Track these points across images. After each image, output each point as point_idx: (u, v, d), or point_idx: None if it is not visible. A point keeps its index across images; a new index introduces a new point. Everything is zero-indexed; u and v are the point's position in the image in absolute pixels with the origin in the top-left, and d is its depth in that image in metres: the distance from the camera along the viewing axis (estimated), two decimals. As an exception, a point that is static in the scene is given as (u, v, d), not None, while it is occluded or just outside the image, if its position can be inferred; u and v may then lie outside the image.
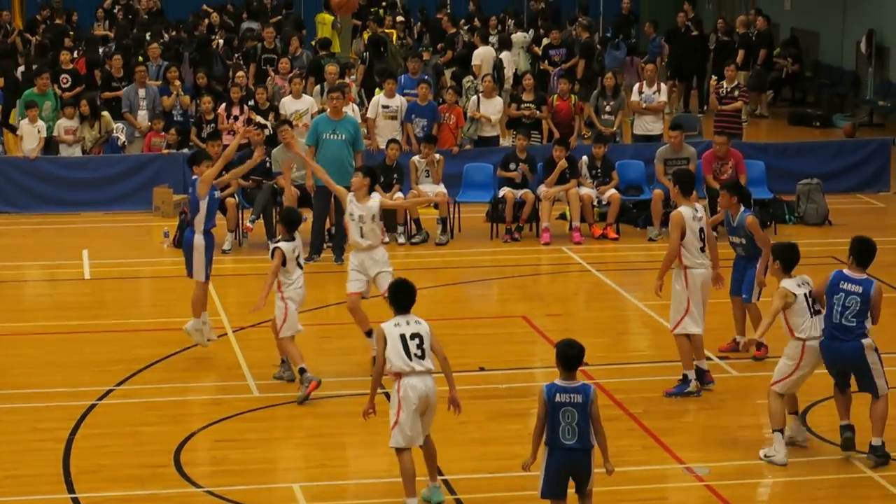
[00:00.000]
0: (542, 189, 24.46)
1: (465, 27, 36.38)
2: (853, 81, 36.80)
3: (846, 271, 14.89)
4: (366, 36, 34.82)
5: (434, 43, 35.48)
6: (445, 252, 23.69)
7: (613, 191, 24.79)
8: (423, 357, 13.53)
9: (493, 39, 34.47)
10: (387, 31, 35.14)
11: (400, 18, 36.63)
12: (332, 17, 37.55)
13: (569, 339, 12.82)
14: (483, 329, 19.67)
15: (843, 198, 26.96)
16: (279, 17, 37.17)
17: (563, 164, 24.53)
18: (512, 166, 24.73)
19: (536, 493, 12.77)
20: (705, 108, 33.70)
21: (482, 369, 17.87)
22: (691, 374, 16.87)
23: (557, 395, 12.50)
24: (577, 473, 12.66)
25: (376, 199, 17.77)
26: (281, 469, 14.95)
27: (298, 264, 16.81)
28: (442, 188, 24.53)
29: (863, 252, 15.01)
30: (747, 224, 17.61)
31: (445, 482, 14.51)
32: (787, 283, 14.94)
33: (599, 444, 12.56)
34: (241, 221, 23.85)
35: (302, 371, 16.61)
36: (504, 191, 24.53)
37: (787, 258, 15.22)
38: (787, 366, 14.95)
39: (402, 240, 24.17)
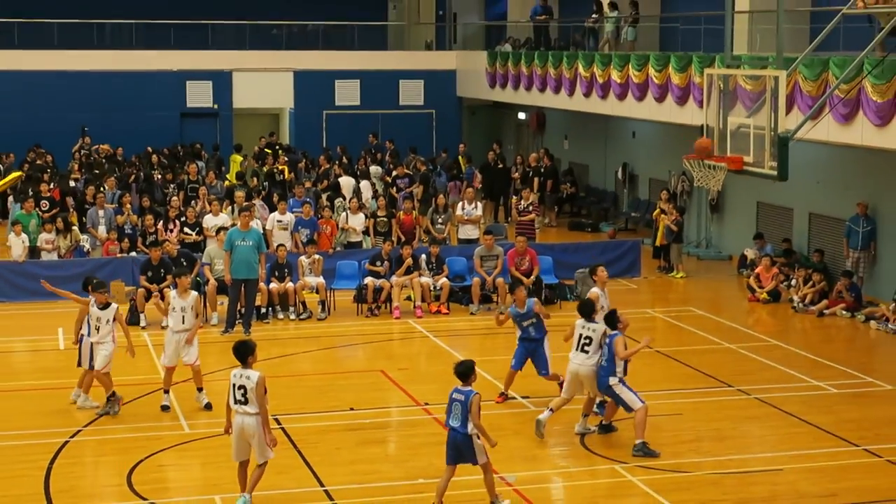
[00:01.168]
0: (394, 278, 24.52)
1: (336, 163, 36.40)
2: (613, 199, 37.32)
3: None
4: (265, 170, 34.78)
5: (314, 175, 35.48)
6: (324, 325, 23.61)
7: (444, 279, 24.91)
8: (245, 403, 13.57)
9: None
10: (279, 167, 35.08)
11: (286, 158, 36.56)
12: (241, 158, 37.56)
13: (461, 360, 14.20)
14: (352, 380, 19.63)
15: (608, 282, 27.17)
16: (207, 157, 37.02)
17: (409, 260, 24.64)
18: (378, 263, 24.78)
19: (393, 497, 12.77)
20: (509, 219, 33.99)
21: (352, 409, 17.80)
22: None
23: (453, 392, 13.79)
24: (460, 448, 13.63)
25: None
26: (207, 485, 14.77)
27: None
28: (321, 279, 24.52)
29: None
30: (535, 309, 17.58)
31: (327, 493, 14.45)
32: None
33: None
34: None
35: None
36: (367, 280, 24.55)
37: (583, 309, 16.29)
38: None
39: (292, 317, 24.06)
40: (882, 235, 25.41)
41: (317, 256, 24.93)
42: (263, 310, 23.88)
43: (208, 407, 17.62)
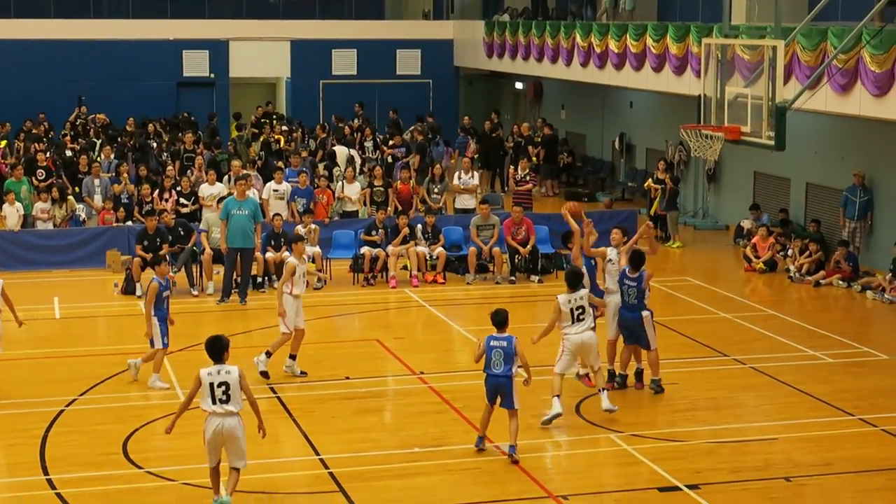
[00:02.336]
0: (390, 248, 24.48)
1: (333, 134, 36.34)
2: (610, 169, 37.27)
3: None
4: (261, 140, 34.70)
5: (311, 145, 35.40)
6: (321, 294, 23.54)
7: (441, 249, 24.87)
8: (227, 401, 12.53)
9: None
10: (276, 136, 34.97)
11: (284, 128, 36.45)
12: (238, 131, 37.49)
13: (497, 309, 14.79)
14: (348, 349, 19.60)
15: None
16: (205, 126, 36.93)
17: (405, 230, 24.60)
18: (373, 232, 24.73)
19: (388, 466, 12.77)
20: (506, 189, 33.91)
21: (347, 378, 17.78)
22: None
23: (492, 341, 14.43)
24: (501, 392, 14.40)
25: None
26: (203, 454, 14.71)
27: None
28: (318, 248, 24.48)
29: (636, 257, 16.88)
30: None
31: (322, 461, 14.44)
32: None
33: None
34: (169, 274, 23.54)
35: None
36: (364, 249, 24.51)
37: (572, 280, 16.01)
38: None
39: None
40: (879, 206, 25.36)
41: (313, 226, 24.87)
42: (259, 279, 23.85)
43: (303, 374, 17.83)
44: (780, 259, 26.04)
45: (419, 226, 25.12)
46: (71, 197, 27.54)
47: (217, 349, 12.77)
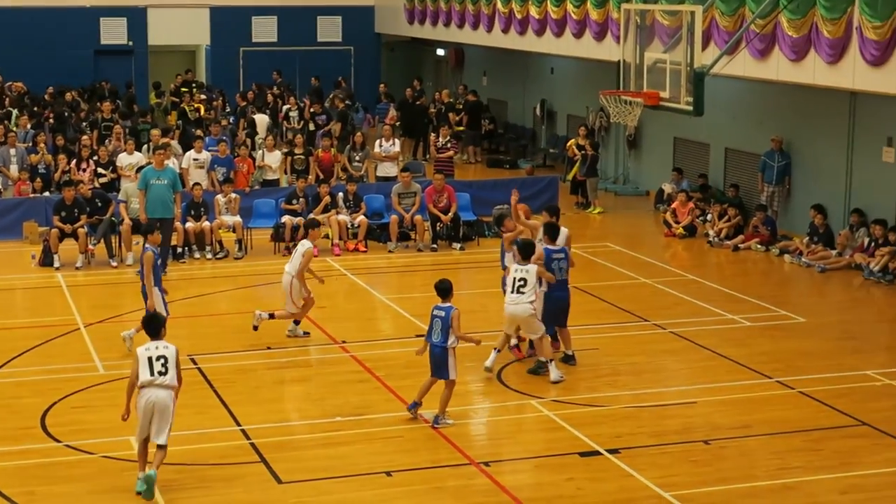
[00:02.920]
0: (311, 216, 24.36)
1: (253, 102, 36.11)
2: (531, 136, 37.32)
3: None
4: (181, 109, 34.38)
5: (231, 114, 35.14)
6: (241, 264, 23.41)
7: (362, 217, 24.80)
8: (165, 374, 12.52)
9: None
10: (195, 105, 34.65)
11: (203, 96, 36.12)
12: (157, 99, 37.11)
13: (442, 278, 14.78)
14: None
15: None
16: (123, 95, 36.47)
17: (326, 198, 24.50)
18: (294, 201, 24.60)
19: (311, 436, 12.75)
20: (427, 156, 33.87)
21: (269, 348, 17.69)
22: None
23: (434, 310, 14.52)
24: (435, 361, 14.49)
25: None
26: (122, 426, 14.59)
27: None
28: (238, 218, 24.32)
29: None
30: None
31: (244, 432, 14.38)
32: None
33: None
34: (89, 246, 23.35)
35: None
36: (284, 218, 24.38)
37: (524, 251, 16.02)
38: None
39: (209, 256, 23.84)
40: (796, 170, 25.63)
41: (233, 195, 24.70)
42: (180, 249, 23.64)
43: (306, 334, 18.14)
44: (700, 224, 26.25)
45: (340, 194, 25.03)
46: (-15, 167, 27.12)
47: (154, 326, 12.96)
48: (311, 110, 33.91)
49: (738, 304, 20.24)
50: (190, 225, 23.71)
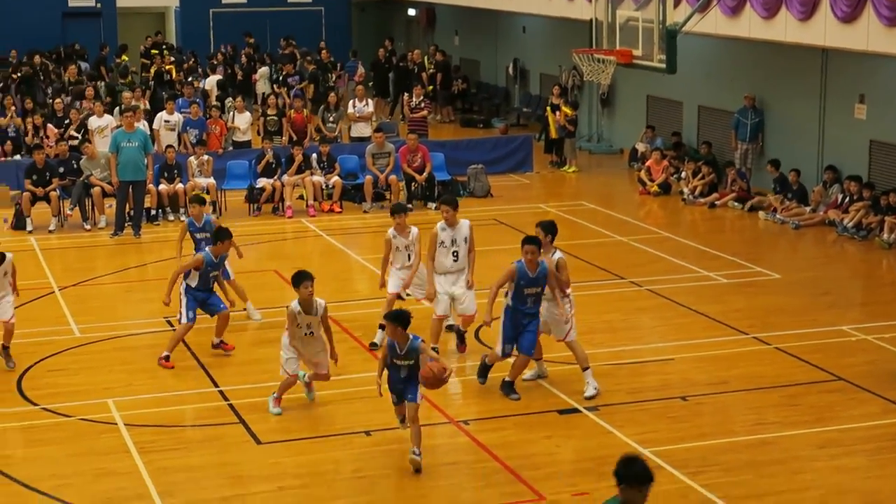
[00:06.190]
0: (285, 178, 24.30)
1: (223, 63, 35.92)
2: (505, 95, 37.27)
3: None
4: (153, 71, 34.16)
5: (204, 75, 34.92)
6: (216, 226, 23.33)
7: (336, 178, 24.73)
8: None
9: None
10: (167, 67, 34.42)
11: (172, 58, 35.87)
12: (126, 59, 36.77)
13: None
14: (245, 281, 19.33)
15: (500, 177, 27.32)
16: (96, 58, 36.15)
17: (299, 158, 24.44)
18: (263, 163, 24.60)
19: (288, 397, 12.74)
20: (401, 116, 33.78)
21: (245, 309, 17.63)
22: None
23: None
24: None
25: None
26: (99, 389, 14.57)
27: None
28: (212, 180, 24.22)
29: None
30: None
31: (221, 393, 14.36)
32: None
33: None
34: (62, 209, 23.23)
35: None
36: (261, 181, 24.32)
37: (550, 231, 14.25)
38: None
39: (183, 218, 23.72)
40: (769, 127, 25.67)
41: (206, 157, 24.58)
42: (153, 212, 23.53)
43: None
44: (674, 182, 26.29)
45: (314, 155, 24.95)
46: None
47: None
48: (284, 72, 33.72)
49: (713, 262, 20.30)
50: (163, 187, 23.60)
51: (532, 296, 13.85)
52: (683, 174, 26.06)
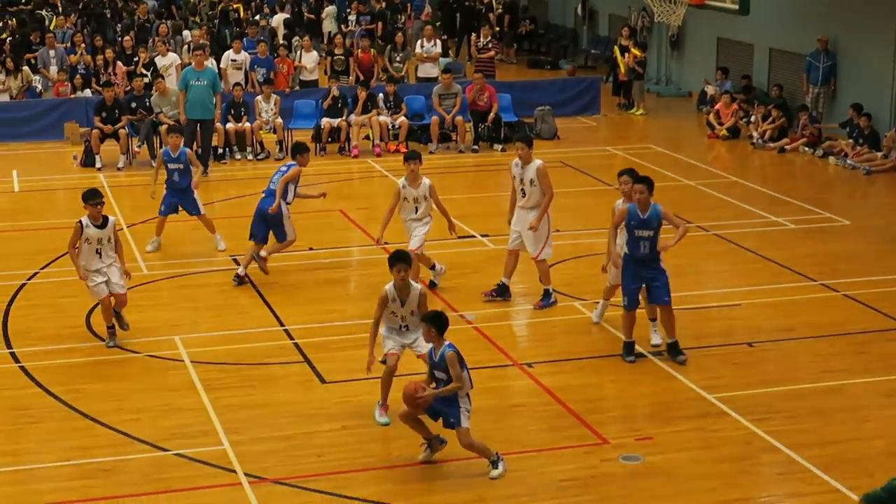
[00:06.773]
0: (352, 117, 24.30)
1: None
2: (573, 36, 36.97)
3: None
4: (219, 9, 34.19)
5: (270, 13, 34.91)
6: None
7: (403, 118, 24.69)
8: None
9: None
10: (234, 5, 34.44)
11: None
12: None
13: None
14: (311, 220, 19.39)
15: (568, 119, 27.15)
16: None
17: (364, 98, 24.41)
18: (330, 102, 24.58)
19: (352, 336, 12.73)
20: (468, 56, 33.60)
21: (311, 249, 17.72)
22: (551, 289, 15.29)
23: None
24: None
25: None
26: (166, 326, 14.72)
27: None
28: (280, 119, 24.25)
29: None
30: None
31: (287, 332, 14.44)
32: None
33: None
34: (130, 146, 23.40)
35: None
36: (324, 120, 24.32)
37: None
38: None
39: (250, 157, 23.85)
40: (841, 71, 25.28)
41: (274, 96, 24.61)
42: (220, 150, 23.64)
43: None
44: (743, 125, 26.01)
45: (381, 95, 24.90)
46: (26, 68, 27.11)
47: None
48: (351, 11, 33.63)
49: (781, 207, 20.09)
50: (230, 126, 23.68)
51: (646, 239, 13.63)
52: (753, 118, 25.76)
